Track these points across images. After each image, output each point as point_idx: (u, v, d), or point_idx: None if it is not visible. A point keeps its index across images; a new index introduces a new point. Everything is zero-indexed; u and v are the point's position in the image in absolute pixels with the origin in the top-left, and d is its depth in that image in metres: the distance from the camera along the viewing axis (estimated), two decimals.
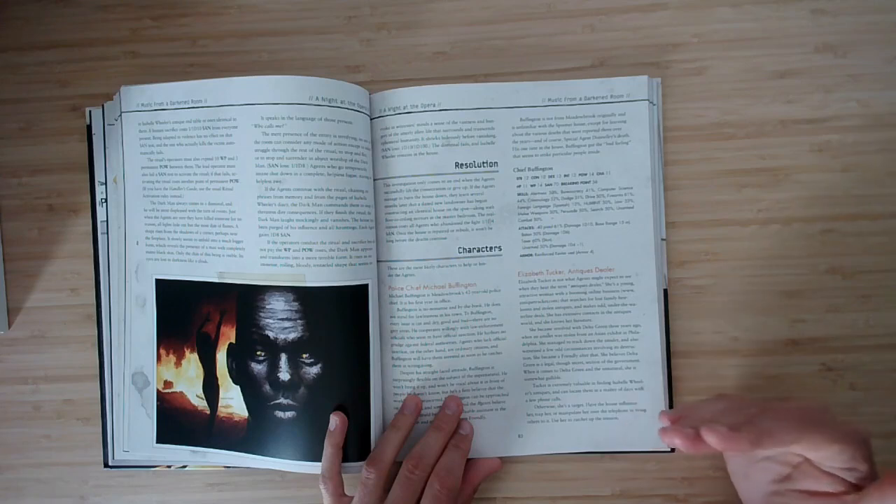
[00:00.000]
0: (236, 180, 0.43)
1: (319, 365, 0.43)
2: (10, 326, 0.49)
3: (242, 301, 0.44)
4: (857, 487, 0.36)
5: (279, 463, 0.44)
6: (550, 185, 0.46)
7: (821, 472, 0.36)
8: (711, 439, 0.36)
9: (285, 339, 0.44)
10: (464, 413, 0.45)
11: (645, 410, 0.45)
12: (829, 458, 0.36)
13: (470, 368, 0.46)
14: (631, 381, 0.46)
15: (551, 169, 0.46)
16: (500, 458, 0.46)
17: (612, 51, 0.47)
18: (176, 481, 0.48)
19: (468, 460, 0.45)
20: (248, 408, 0.45)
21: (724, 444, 0.36)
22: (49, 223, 0.49)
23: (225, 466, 0.47)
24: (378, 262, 0.46)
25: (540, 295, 0.46)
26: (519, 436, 0.46)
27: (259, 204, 0.43)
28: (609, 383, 0.46)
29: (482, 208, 0.45)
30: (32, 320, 0.49)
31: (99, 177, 0.48)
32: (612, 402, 0.46)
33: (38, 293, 0.49)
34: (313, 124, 0.42)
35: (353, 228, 0.43)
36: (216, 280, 0.44)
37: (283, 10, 0.48)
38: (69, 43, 0.49)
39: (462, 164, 0.45)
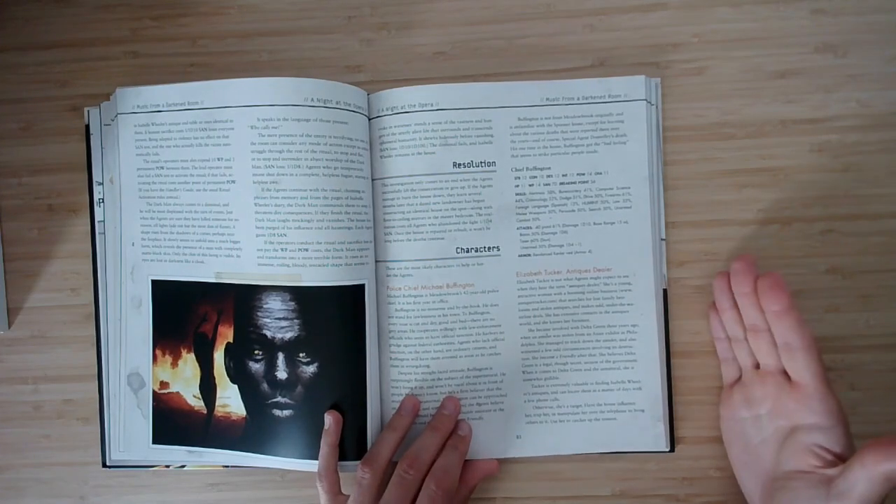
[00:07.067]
0: (233, 181, 0.43)
1: (316, 364, 0.43)
2: (10, 326, 0.49)
3: (240, 301, 0.44)
4: (833, 463, 0.37)
5: (277, 461, 0.44)
6: (548, 184, 0.45)
7: (804, 450, 0.38)
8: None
9: (282, 339, 0.44)
10: (462, 414, 0.45)
11: (643, 410, 0.45)
12: (819, 431, 0.38)
13: (468, 369, 0.46)
14: (629, 381, 0.45)
15: (549, 169, 0.45)
16: (499, 459, 0.46)
17: (612, 51, 0.47)
18: (176, 481, 0.48)
19: (465, 461, 0.45)
20: (245, 407, 0.45)
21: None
22: (49, 223, 0.49)
23: (223, 466, 0.47)
24: (376, 262, 0.45)
25: (538, 295, 0.46)
26: (517, 437, 0.46)
27: (256, 204, 0.43)
28: (607, 383, 0.46)
29: (480, 208, 0.45)
30: (32, 320, 0.49)
31: (97, 177, 0.48)
32: (611, 403, 0.46)
33: (38, 293, 0.49)
34: (309, 125, 0.42)
35: (350, 228, 0.43)
36: (213, 280, 0.44)
37: (283, 10, 0.48)
38: (69, 43, 0.49)
39: (460, 164, 0.45)
